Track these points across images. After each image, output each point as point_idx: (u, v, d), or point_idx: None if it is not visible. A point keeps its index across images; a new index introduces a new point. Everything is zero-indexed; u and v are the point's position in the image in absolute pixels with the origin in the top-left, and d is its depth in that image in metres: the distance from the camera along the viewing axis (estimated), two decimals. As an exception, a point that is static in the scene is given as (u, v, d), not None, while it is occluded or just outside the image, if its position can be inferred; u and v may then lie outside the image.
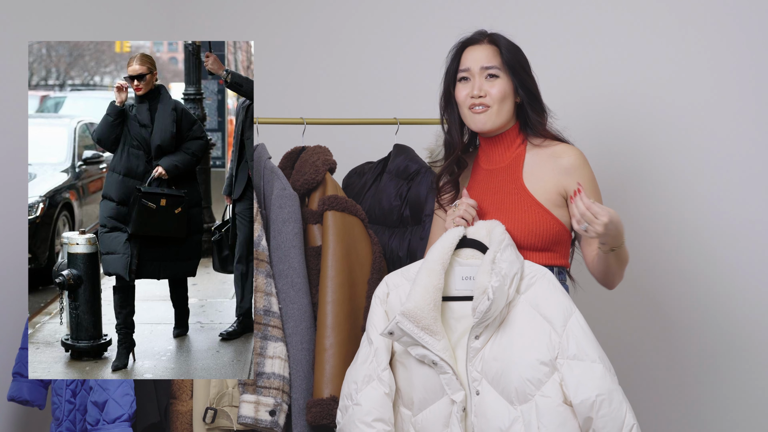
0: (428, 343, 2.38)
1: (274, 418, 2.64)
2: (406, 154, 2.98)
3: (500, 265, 2.38)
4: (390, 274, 2.61)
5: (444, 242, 2.47)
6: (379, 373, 2.48)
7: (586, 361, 2.32)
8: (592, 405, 2.29)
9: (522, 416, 2.32)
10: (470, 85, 2.56)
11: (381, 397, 2.46)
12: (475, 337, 2.38)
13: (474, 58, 2.57)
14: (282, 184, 2.79)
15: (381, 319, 2.53)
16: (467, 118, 2.59)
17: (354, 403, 2.48)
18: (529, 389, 2.32)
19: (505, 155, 2.60)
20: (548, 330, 2.36)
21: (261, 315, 2.69)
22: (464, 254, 2.49)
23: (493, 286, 2.33)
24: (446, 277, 2.47)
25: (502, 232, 2.46)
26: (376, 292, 2.58)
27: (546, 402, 2.31)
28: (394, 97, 3.79)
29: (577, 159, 2.54)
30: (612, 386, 2.32)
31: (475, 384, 2.38)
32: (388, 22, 3.88)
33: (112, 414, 2.62)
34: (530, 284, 2.42)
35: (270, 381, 2.65)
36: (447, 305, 2.47)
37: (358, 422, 2.46)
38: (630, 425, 2.31)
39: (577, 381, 2.31)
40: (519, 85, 2.55)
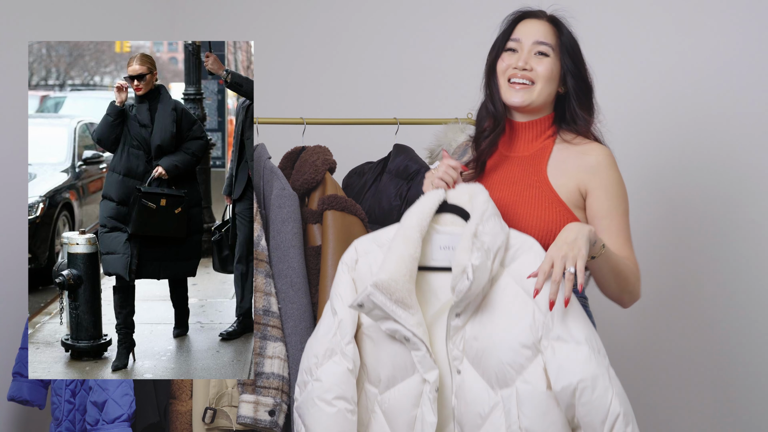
0: (401, 318, 2.18)
1: (274, 418, 2.63)
2: (406, 154, 2.98)
3: (483, 239, 2.17)
4: (359, 239, 2.39)
5: (422, 206, 2.26)
6: (342, 347, 2.28)
7: (571, 343, 2.14)
8: (573, 392, 2.11)
9: (502, 402, 2.16)
10: (516, 56, 2.38)
11: (343, 373, 2.26)
12: (456, 315, 2.20)
13: (528, 30, 2.39)
14: (281, 183, 2.79)
15: (348, 288, 2.31)
16: (504, 91, 2.40)
17: (314, 378, 2.29)
18: (510, 374, 2.16)
19: (532, 144, 2.42)
20: (532, 308, 2.17)
21: (260, 315, 2.69)
22: (443, 220, 2.27)
23: (473, 264, 2.13)
24: (424, 245, 2.26)
25: (485, 201, 2.24)
26: (343, 257, 2.36)
27: (527, 389, 2.14)
28: (394, 97, 3.79)
29: (605, 158, 2.35)
30: (597, 371, 2.12)
31: (456, 363, 2.20)
32: (389, 23, 3.88)
33: (112, 414, 2.62)
34: (515, 257, 2.22)
35: (269, 381, 2.65)
36: (423, 276, 2.27)
37: (317, 399, 2.27)
38: (615, 414, 2.12)
39: (558, 365, 2.13)
40: (571, 73, 2.38)
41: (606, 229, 2.31)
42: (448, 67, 3.69)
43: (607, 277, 2.27)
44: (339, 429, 2.26)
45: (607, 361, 2.17)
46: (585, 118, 2.39)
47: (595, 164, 2.34)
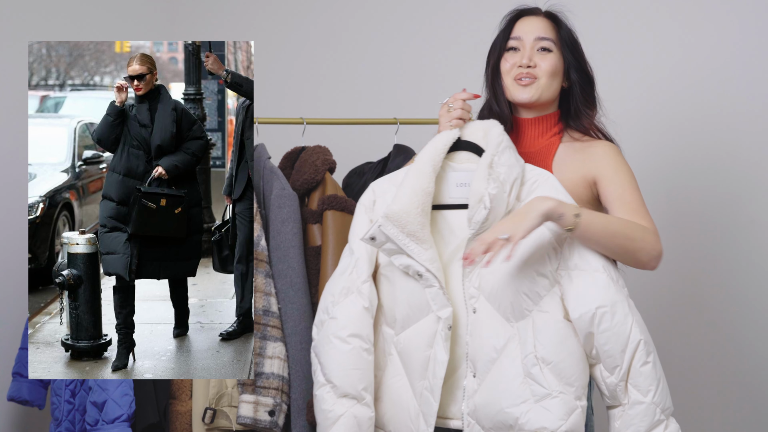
0: (413, 252, 2.16)
1: (273, 419, 2.63)
2: (406, 154, 2.97)
3: (498, 170, 2.16)
4: (377, 180, 2.39)
5: (436, 144, 2.25)
6: (358, 286, 2.29)
7: (588, 271, 2.14)
8: (591, 318, 2.10)
9: (518, 333, 2.16)
10: (519, 55, 2.38)
11: (359, 312, 2.28)
12: None
13: (528, 28, 2.39)
14: (281, 183, 2.79)
15: (364, 227, 2.32)
16: (510, 90, 2.39)
17: (330, 316, 2.31)
18: (526, 304, 2.16)
19: (538, 141, 2.41)
20: (549, 239, 2.16)
21: (260, 315, 2.69)
22: (459, 158, 2.26)
23: (490, 194, 2.13)
24: (440, 184, 2.26)
25: (500, 133, 2.23)
26: (361, 199, 2.37)
27: (544, 317, 2.14)
28: (394, 97, 3.79)
29: (611, 149, 2.34)
30: (616, 297, 2.13)
31: (472, 301, 2.20)
32: (389, 22, 3.88)
33: (111, 414, 2.62)
34: (532, 190, 2.21)
35: (269, 381, 2.65)
36: (441, 215, 2.27)
37: (332, 337, 2.29)
38: (636, 341, 2.13)
39: (576, 293, 2.13)
40: (573, 67, 2.38)
41: (618, 200, 2.27)
42: (448, 67, 3.69)
43: (604, 242, 2.18)
44: (352, 366, 2.28)
45: (626, 291, 2.17)
46: (587, 112, 2.40)
47: (601, 153, 2.34)
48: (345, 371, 2.29)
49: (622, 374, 2.17)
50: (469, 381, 2.22)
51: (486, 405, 2.19)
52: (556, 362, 2.14)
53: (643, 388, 2.17)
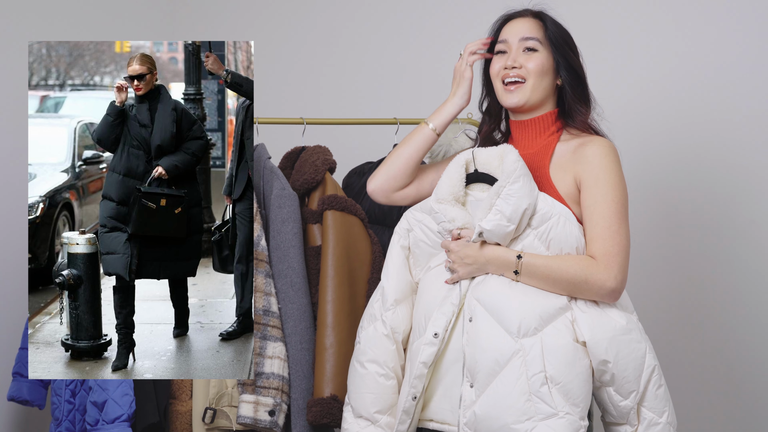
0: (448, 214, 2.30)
1: (273, 418, 2.64)
2: (406, 154, 2.97)
3: (507, 201, 2.21)
4: (409, 210, 2.50)
5: (451, 174, 2.35)
6: (382, 314, 2.41)
7: (600, 302, 2.20)
8: (607, 348, 2.16)
9: (523, 350, 2.17)
10: (506, 57, 2.39)
11: (379, 338, 2.39)
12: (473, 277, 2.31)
13: (513, 30, 2.40)
14: (281, 183, 2.79)
15: (396, 257, 2.45)
16: (500, 94, 2.40)
17: (356, 341, 2.47)
18: (537, 323, 2.18)
19: (535, 141, 2.40)
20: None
21: (260, 315, 2.69)
22: (474, 188, 2.37)
23: (482, 227, 2.22)
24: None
25: (514, 161, 2.26)
26: (397, 228, 2.49)
27: (554, 338, 2.17)
28: (394, 97, 3.79)
29: (601, 149, 2.29)
30: (630, 326, 2.19)
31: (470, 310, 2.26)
32: (389, 22, 3.88)
33: (112, 414, 2.62)
34: (544, 220, 2.24)
35: (269, 381, 2.65)
36: None
37: (354, 361, 2.45)
38: (651, 366, 2.19)
39: (592, 322, 2.18)
40: (562, 64, 2.36)
41: (587, 219, 2.27)
42: (448, 67, 3.68)
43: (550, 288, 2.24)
44: (367, 390, 2.40)
45: (636, 316, 2.24)
46: (581, 110, 2.38)
47: (590, 155, 2.29)
48: (360, 394, 2.42)
49: (638, 399, 2.22)
50: (466, 390, 2.24)
51: (487, 418, 2.20)
52: (565, 383, 2.16)
53: (658, 410, 2.24)
